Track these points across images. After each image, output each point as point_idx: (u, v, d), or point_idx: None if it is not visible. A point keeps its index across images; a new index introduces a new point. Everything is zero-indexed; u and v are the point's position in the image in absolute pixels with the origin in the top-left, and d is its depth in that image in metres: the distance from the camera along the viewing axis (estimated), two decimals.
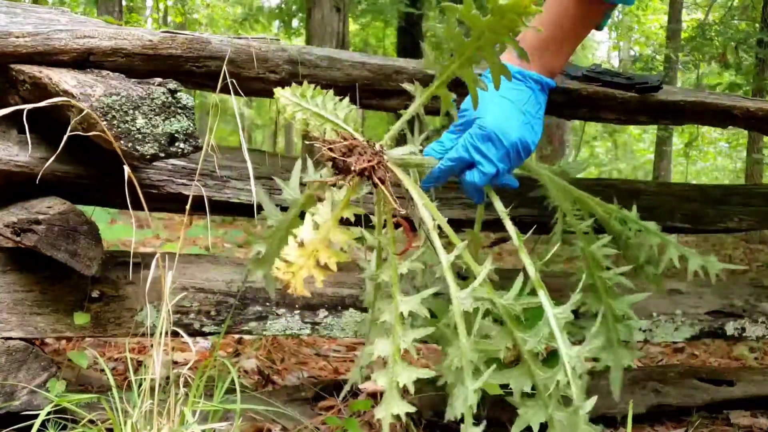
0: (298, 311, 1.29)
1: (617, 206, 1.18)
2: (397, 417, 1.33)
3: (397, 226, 0.96)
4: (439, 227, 0.91)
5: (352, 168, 0.83)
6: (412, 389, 0.80)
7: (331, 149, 0.85)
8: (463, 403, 0.82)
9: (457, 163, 0.96)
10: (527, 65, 0.99)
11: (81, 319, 1.14)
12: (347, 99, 0.96)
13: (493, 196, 1.00)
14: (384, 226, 0.96)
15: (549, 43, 0.99)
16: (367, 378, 1.11)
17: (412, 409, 0.81)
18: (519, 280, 0.90)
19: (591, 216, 1.14)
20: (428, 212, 0.87)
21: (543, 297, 0.88)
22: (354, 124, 0.93)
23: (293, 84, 0.97)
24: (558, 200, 1.14)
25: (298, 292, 0.74)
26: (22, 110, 0.86)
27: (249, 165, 0.98)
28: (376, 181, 0.84)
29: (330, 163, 0.86)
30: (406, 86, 1.03)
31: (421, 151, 1.02)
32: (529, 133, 0.97)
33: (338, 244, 0.79)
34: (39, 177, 1.00)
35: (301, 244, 0.76)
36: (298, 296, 1.29)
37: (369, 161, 0.84)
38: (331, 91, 0.97)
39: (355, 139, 0.87)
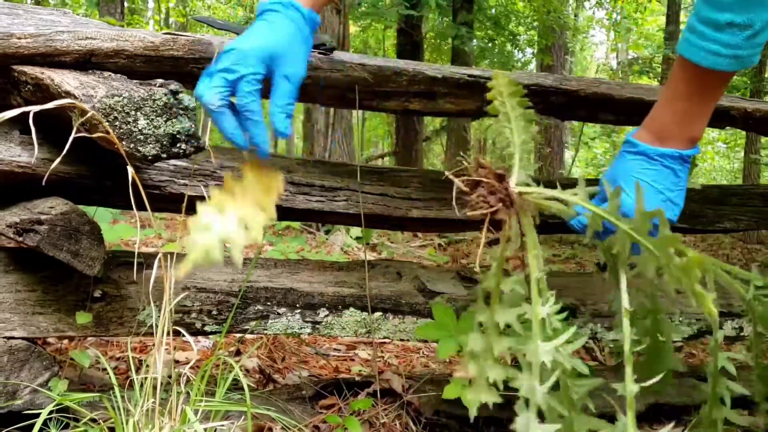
0: (299, 310, 1.29)
1: None
2: (398, 416, 1.34)
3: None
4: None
5: (473, 205, 0.85)
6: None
7: (462, 176, 0.87)
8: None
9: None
10: (663, 143, 0.97)
11: (83, 318, 1.14)
12: (531, 117, 0.96)
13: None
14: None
15: (684, 115, 0.96)
16: None
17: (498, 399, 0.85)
18: None
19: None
20: (535, 263, 0.87)
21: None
22: (528, 144, 0.94)
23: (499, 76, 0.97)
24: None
25: None
26: (24, 111, 0.87)
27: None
28: (493, 219, 0.86)
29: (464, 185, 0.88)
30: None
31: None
32: (668, 211, 0.96)
33: None
34: (42, 177, 1.01)
35: None
36: (299, 295, 1.30)
37: (490, 205, 0.85)
38: (524, 99, 0.95)
39: (485, 171, 0.87)
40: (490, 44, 10.19)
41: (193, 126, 0.99)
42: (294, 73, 0.87)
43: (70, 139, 0.86)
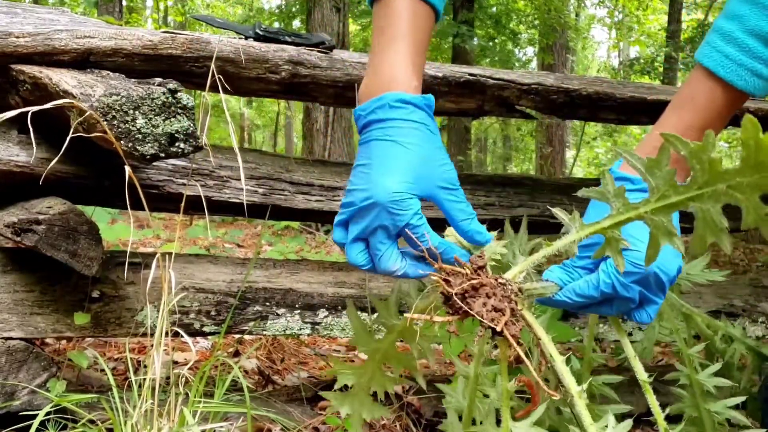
0: (299, 311, 1.29)
1: (725, 324, 1.18)
2: (398, 417, 1.33)
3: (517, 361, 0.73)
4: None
5: (482, 320, 0.65)
6: None
7: (447, 281, 0.67)
8: None
9: (589, 300, 0.78)
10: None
11: (81, 319, 1.14)
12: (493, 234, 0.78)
13: (624, 339, 0.86)
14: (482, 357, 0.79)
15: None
16: None
17: None
18: None
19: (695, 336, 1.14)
20: (570, 376, 0.67)
21: None
22: (490, 255, 0.74)
23: None
24: (667, 315, 1.11)
25: None
26: (22, 112, 0.86)
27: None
28: (509, 339, 0.65)
29: (441, 297, 0.68)
30: (560, 215, 0.76)
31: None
32: (681, 258, 0.79)
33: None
34: (40, 177, 1.00)
35: None
36: (299, 296, 1.29)
37: (499, 311, 0.66)
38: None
39: (480, 273, 0.69)
40: (490, 43, 10.19)
41: (191, 125, 0.98)
42: (445, 179, 0.75)
43: (68, 138, 0.85)
